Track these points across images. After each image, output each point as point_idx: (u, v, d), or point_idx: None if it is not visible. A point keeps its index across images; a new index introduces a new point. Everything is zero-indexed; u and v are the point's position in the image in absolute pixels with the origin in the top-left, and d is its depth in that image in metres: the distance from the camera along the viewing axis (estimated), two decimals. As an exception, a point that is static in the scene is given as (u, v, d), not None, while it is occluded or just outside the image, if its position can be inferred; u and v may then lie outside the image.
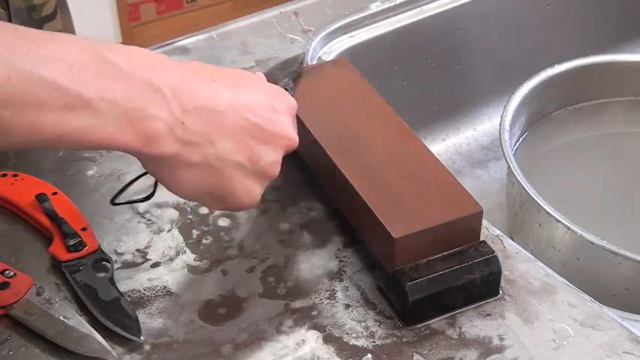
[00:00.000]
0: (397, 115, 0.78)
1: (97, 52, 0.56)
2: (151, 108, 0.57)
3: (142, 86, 0.57)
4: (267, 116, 0.64)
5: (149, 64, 0.58)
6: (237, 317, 0.69)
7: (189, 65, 0.62)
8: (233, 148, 0.62)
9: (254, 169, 0.64)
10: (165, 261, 0.74)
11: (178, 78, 0.59)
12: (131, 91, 0.57)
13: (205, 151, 0.61)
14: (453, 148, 1.19)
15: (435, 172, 0.73)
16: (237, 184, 0.63)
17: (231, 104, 0.62)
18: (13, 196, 0.77)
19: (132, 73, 0.57)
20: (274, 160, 0.65)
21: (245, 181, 0.64)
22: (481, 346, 0.67)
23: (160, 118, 0.58)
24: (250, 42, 1.00)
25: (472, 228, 0.70)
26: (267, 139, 0.64)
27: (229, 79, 0.64)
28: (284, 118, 0.65)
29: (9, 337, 0.67)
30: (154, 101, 0.57)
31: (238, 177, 0.63)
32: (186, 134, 0.59)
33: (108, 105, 0.56)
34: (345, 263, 0.74)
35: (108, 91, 0.56)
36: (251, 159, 0.63)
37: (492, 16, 1.16)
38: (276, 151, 0.65)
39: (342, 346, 0.67)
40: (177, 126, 0.59)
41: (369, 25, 1.06)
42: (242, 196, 0.65)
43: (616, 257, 0.83)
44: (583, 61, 1.11)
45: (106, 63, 0.56)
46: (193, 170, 0.61)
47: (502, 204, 1.07)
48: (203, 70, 0.63)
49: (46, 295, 0.69)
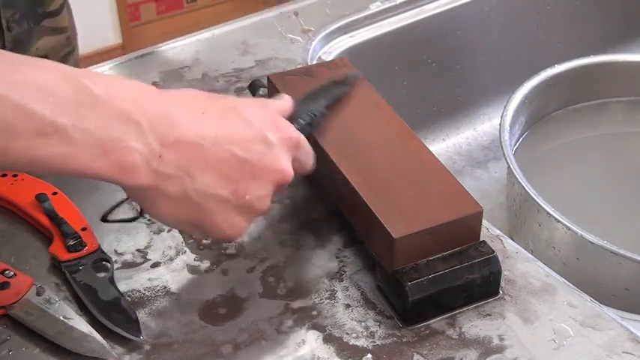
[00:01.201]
0: (397, 115, 0.78)
1: (76, 80, 0.56)
2: (127, 139, 0.56)
3: (118, 117, 0.56)
4: (256, 149, 0.62)
5: (129, 95, 0.58)
6: (237, 317, 0.69)
7: (180, 97, 0.61)
8: (215, 182, 0.60)
9: (239, 203, 0.62)
10: (165, 261, 0.74)
11: (159, 110, 0.58)
12: (107, 122, 0.56)
13: (183, 184, 0.60)
14: (453, 148, 1.19)
15: (435, 172, 0.73)
16: (219, 217, 0.62)
17: (215, 137, 0.60)
18: (13, 196, 0.77)
19: (109, 103, 0.56)
20: (262, 195, 0.63)
21: (229, 214, 0.62)
22: (481, 346, 0.67)
23: (136, 149, 0.57)
24: (250, 42, 1.00)
25: (472, 228, 0.70)
26: (256, 173, 0.62)
27: (220, 112, 0.62)
28: (277, 151, 0.63)
29: (9, 337, 0.67)
30: (130, 133, 0.57)
31: (221, 211, 0.62)
32: (163, 167, 0.58)
33: (82, 134, 0.55)
34: (345, 263, 0.74)
35: (83, 120, 0.55)
36: (236, 193, 0.62)
37: (492, 16, 1.16)
38: (265, 186, 0.63)
39: (342, 346, 0.67)
40: (154, 158, 0.58)
41: (369, 25, 1.06)
42: (226, 229, 0.63)
43: (616, 257, 0.83)
44: (583, 61, 1.11)
45: (83, 92, 0.55)
46: (172, 202, 0.60)
47: (502, 204, 1.07)
48: (193, 101, 0.62)
49: (46, 295, 0.69)
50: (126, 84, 0.59)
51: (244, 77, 0.94)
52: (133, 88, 0.59)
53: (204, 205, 0.61)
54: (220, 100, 0.64)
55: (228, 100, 0.64)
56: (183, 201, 0.60)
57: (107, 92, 0.56)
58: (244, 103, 0.65)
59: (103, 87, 0.57)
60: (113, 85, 0.58)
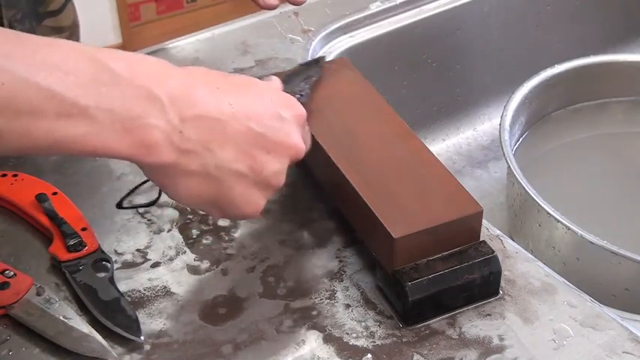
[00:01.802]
0: (397, 115, 0.78)
1: (96, 58, 0.56)
2: (149, 117, 0.57)
3: (139, 94, 0.56)
4: (271, 125, 0.62)
5: (149, 72, 0.58)
6: (237, 317, 0.69)
7: (193, 72, 0.62)
8: (234, 157, 0.61)
9: (257, 178, 0.62)
10: (165, 261, 0.74)
11: (179, 85, 0.59)
12: (128, 99, 0.56)
13: (204, 160, 0.60)
14: (453, 148, 1.19)
15: (435, 172, 0.73)
16: (238, 193, 0.62)
17: (233, 112, 0.61)
18: (13, 196, 0.77)
19: (130, 80, 0.56)
20: (278, 170, 0.64)
21: (247, 190, 0.63)
22: (481, 346, 0.67)
23: (157, 126, 0.57)
24: (250, 42, 1.01)
25: (472, 228, 0.70)
26: (272, 148, 0.63)
27: (233, 87, 0.63)
28: (290, 126, 0.64)
29: (9, 337, 0.67)
30: (151, 110, 0.57)
31: (240, 187, 0.62)
32: (184, 143, 0.58)
33: (104, 113, 0.55)
34: (345, 263, 0.74)
35: (104, 99, 0.55)
36: (254, 168, 0.62)
37: (492, 16, 1.16)
38: (281, 161, 0.64)
39: (342, 346, 0.67)
40: (175, 134, 0.58)
41: (369, 25, 1.06)
42: (244, 206, 0.63)
43: (616, 257, 0.83)
44: (583, 61, 1.11)
45: (104, 70, 0.55)
46: (193, 179, 0.60)
47: (502, 204, 1.07)
48: (207, 77, 0.62)
49: (46, 295, 0.69)
50: (144, 60, 0.59)
51: (244, 77, 0.94)
52: (152, 64, 0.59)
53: (223, 180, 0.61)
54: (230, 77, 0.64)
55: (238, 78, 0.65)
56: (204, 177, 0.60)
57: (127, 69, 0.56)
58: (253, 81, 0.65)
59: (123, 64, 0.56)
60: (132, 62, 0.57)
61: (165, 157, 0.58)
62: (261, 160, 0.62)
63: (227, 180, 0.61)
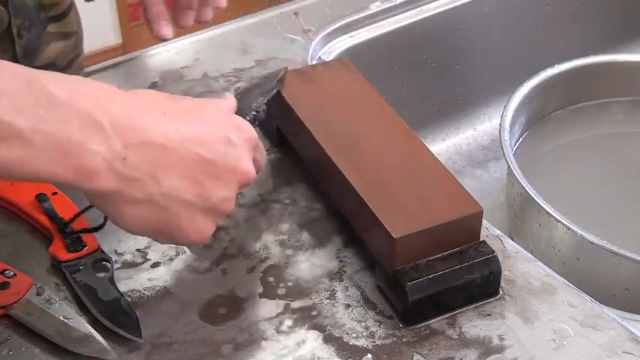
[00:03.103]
0: (397, 115, 0.78)
1: (34, 80, 0.54)
2: (89, 142, 0.55)
3: (80, 119, 0.55)
4: (221, 150, 0.61)
5: (91, 96, 0.56)
6: (237, 317, 0.69)
7: (139, 96, 0.60)
8: (180, 185, 0.59)
9: (204, 205, 0.61)
10: (165, 261, 0.74)
11: (123, 111, 0.57)
12: (68, 124, 0.54)
13: (148, 187, 0.58)
14: (453, 148, 1.19)
15: (435, 172, 0.73)
16: (184, 221, 0.61)
17: (180, 138, 0.59)
18: (13, 196, 0.77)
19: (70, 104, 0.54)
20: (227, 197, 0.62)
21: (194, 217, 0.61)
22: (481, 346, 0.67)
23: (98, 152, 0.55)
24: (250, 42, 1.00)
25: (472, 228, 0.70)
26: (221, 175, 0.61)
27: (182, 112, 0.61)
28: (239, 151, 0.62)
29: (9, 337, 0.67)
30: (92, 135, 0.55)
31: (186, 214, 0.60)
32: (127, 170, 0.57)
33: (42, 137, 0.53)
34: (345, 263, 0.74)
35: (42, 123, 0.53)
36: (201, 195, 0.60)
37: (492, 16, 1.16)
38: (229, 187, 0.62)
39: (342, 346, 0.67)
40: (118, 161, 0.56)
41: (369, 25, 1.06)
42: (191, 233, 0.62)
43: (616, 257, 0.83)
44: (583, 61, 1.11)
45: (42, 93, 0.54)
46: (137, 206, 0.59)
47: (502, 204, 1.07)
48: (154, 102, 0.60)
49: (46, 295, 0.69)
50: (87, 84, 0.57)
51: (244, 77, 0.94)
52: (95, 88, 0.57)
53: (169, 208, 0.60)
54: (178, 101, 0.63)
55: (186, 101, 0.63)
56: (149, 205, 0.59)
57: (68, 93, 0.55)
58: (202, 103, 0.64)
59: (63, 88, 0.55)
60: (73, 85, 0.56)
61: (106, 184, 0.57)
62: (209, 187, 0.61)
63: (173, 208, 0.60)
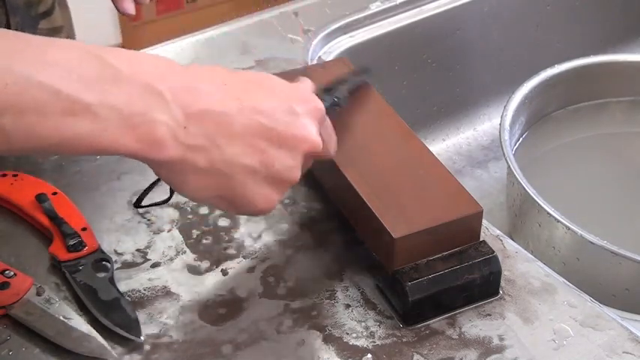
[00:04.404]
0: (397, 115, 0.78)
1: (98, 56, 0.55)
2: (153, 112, 0.56)
3: (143, 90, 0.56)
4: (283, 119, 0.61)
5: (151, 69, 0.57)
6: (237, 317, 0.69)
7: (199, 69, 0.61)
8: (243, 152, 0.59)
9: (268, 173, 0.61)
10: (165, 261, 0.74)
11: (182, 81, 0.58)
12: (132, 96, 0.56)
13: (211, 155, 0.59)
14: (453, 148, 1.19)
15: (435, 172, 0.73)
16: (250, 189, 0.61)
17: (241, 107, 0.59)
18: (13, 196, 0.77)
19: (133, 77, 0.56)
20: (291, 165, 0.62)
21: (259, 185, 0.61)
22: (481, 346, 0.67)
23: (162, 122, 0.56)
24: (250, 42, 1.00)
25: (472, 228, 0.70)
26: (283, 143, 0.61)
27: (243, 83, 0.62)
28: (304, 120, 0.62)
29: (9, 337, 0.67)
30: (154, 105, 0.56)
31: (251, 182, 0.61)
32: (190, 138, 0.58)
33: (108, 110, 0.55)
34: (345, 263, 0.74)
35: (108, 96, 0.55)
36: (265, 163, 0.60)
37: (492, 16, 1.16)
38: (294, 156, 0.62)
39: (342, 346, 0.67)
40: (180, 130, 0.57)
41: (369, 25, 1.06)
42: (257, 201, 0.62)
43: (616, 257, 0.83)
44: (583, 61, 1.11)
45: (106, 67, 0.55)
46: (201, 175, 0.59)
47: (502, 204, 1.07)
48: (213, 74, 0.61)
49: (46, 295, 0.69)
50: (148, 58, 0.58)
51: (244, 77, 0.94)
52: (155, 61, 0.58)
53: (233, 175, 0.60)
54: (241, 74, 0.63)
55: (249, 74, 0.64)
56: (212, 173, 0.59)
57: (129, 66, 0.56)
58: (266, 76, 0.64)
59: (125, 61, 0.56)
60: (135, 59, 0.57)
61: (171, 153, 0.57)
62: (272, 154, 0.61)
63: (237, 175, 0.60)
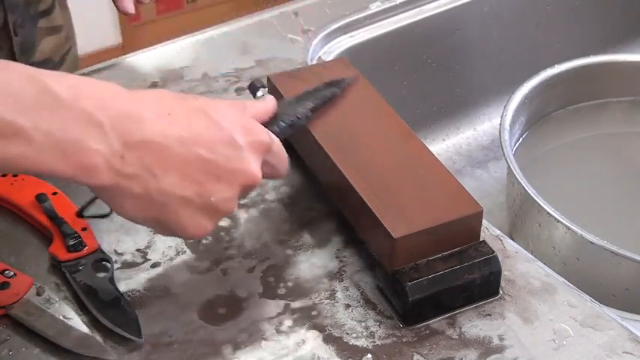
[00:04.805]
0: (397, 115, 0.78)
1: (38, 79, 0.56)
2: (88, 141, 0.56)
3: (80, 118, 0.56)
4: (223, 152, 0.61)
5: (93, 95, 0.57)
6: (237, 317, 0.69)
7: (145, 96, 0.61)
8: (179, 183, 0.60)
9: (204, 204, 0.62)
10: (165, 261, 0.74)
11: (125, 109, 0.58)
12: (68, 123, 0.56)
13: (147, 183, 0.59)
14: (453, 148, 1.19)
15: (435, 172, 0.73)
16: (184, 217, 0.62)
17: (182, 139, 0.60)
18: (13, 196, 0.77)
19: (72, 103, 0.56)
20: (228, 197, 0.62)
21: (193, 215, 0.62)
22: (481, 346, 0.67)
23: (97, 150, 0.57)
24: (250, 42, 1.00)
25: (472, 228, 0.70)
26: (221, 176, 0.62)
27: (187, 112, 0.61)
28: (245, 154, 0.63)
29: (9, 337, 0.67)
30: (91, 134, 0.56)
31: (185, 211, 0.61)
32: (125, 167, 0.58)
33: (42, 135, 0.55)
34: (345, 263, 0.74)
35: (44, 121, 0.55)
36: (201, 194, 0.61)
37: (492, 16, 1.16)
38: (231, 188, 0.62)
39: (342, 346, 0.67)
40: (116, 158, 0.57)
41: (369, 25, 1.06)
42: (190, 229, 0.63)
43: (616, 257, 0.83)
44: (583, 61, 1.11)
45: (45, 92, 0.55)
46: (137, 200, 0.60)
47: (502, 204, 1.07)
48: (160, 102, 0.61)
49: (46, 295, 0.69)
50: (91, 84, 0.59)
51: (244, 77, 0.94)
52: (99, 87, 0.59)
53: (167, 204, 0.61)
54: (188, 101, 0.63)
55: (197, 101, 0.64)
56: (147, 200, 0.60)
57: (70, 93, 0.56)
58: (214, 104, 0.64)
59: (66, 88, 0.56)
60: (77, 85, 0.57)
61: (105, 180, 0.58)
62: (209, 186, 0.61)
63: (171, 204, 0.61)
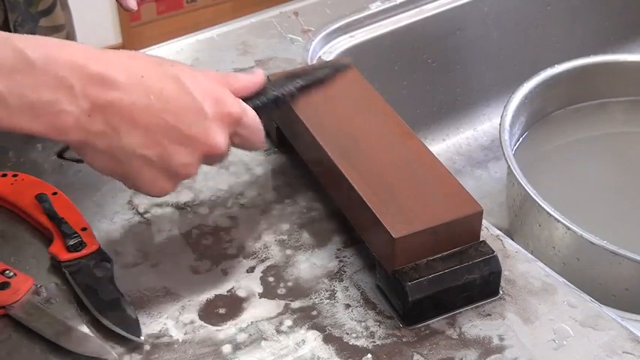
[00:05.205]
0: (397, 115, 0.78)
1: (15, 47, 0.59)
2: (59, 103, 0.60)
3: (52, 81, 0.60)
4: (188, 119, 0.64)
5: (66, 60, 0.61)
6: (237, 317, 0.69)
7: (119, 57, 0.64)
8: (142, 143, 0.63)
9: (164, 166, 0.64)
10: (165, 261, 0.74)
11: (96, 72, 0.61)
12: (41, 86, 0.60)
13: (110, 140, 0.62)
14: (453, 148, 1.19)
15: (435, 172, 0.73)
16: (144, 176, 0.65)
17: (149, 103, 0.62)
18: (13, 196, 0.77)
19: (44, 67, 0.60)
20: (188, 162, 0.65)
21: (154, 175, 0.65)
22: (481, 346, 0.67)
23: (67, 111, 0.61)
24: (250, 42, 1.00)
25: (472, 228, 0.70)
26: (183, 141, 0.64)
27: (160, 77, 0.64)
28: (210, 124, 0.65)
29: (9, 337, 0.67)
30: (62, 96, 0.60)
31: (146, 170, 0.64)
32: (91, 125, 0.62)
33: (16, 98, 0.59)
34: (345, 263, 0.74)
35: (17, 85, 0.59)
36: (162, 157, 0.64)
37: (492, 16, 1.16)
38: (192, 155, 0.65)
39: (342, 346, 0.67)
40: (84, 117, 0.61)
41: (369, 25, 1.06)
42: (150, 187, 0.66)
43: (616, 257, 0.83)
44: (583, 61, 1.11)
45: (21, 59, 0.59)
46: (102, 156, 0.64)
47: (502, 204, 1.07)
48: (135, 64, 0.64)
49: (46, 295, 0.69)
50: (66, 47, 0.62)
51: (244, 77, 0.94)
52: (72, 52, 0.61)
53: (129, 162, 0.64)
54: (164, 66, 0.65)
55: (173, 68, 0.65)
56: (111, 156, 0.64)
57: (43, 57, 0.60)
58: (189, 72, 0.66)
59: (40, 52, 0.60)
60: (52, 50, 0.61)
61: (74, 137, 0.62)
62: (170, 150, 0.64)
63: (133, 162, 0.64)
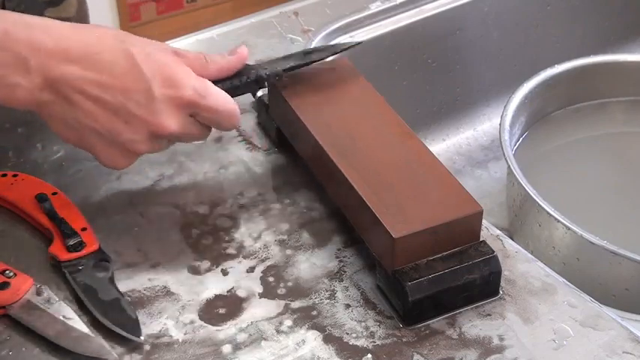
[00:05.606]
0: (397, 115, 0.78)
1: None
2: (13, 76, 0.65)
3: (10, 58, 0.65)
4: (135, 99, 0.67)
5: (25, 36, 0.65)
6: (237, 317, 0.69)
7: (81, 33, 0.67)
8: (90, 116, 0.67)
9: (114, 140, 0.68)
10: (165, 261, 0.74)
11: (51, 49, 0.65)
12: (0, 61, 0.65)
13: (63, 110, 0.67)
14: (453, 148, 1.19)
15: (435, 172, 0.73)
16: (98, 147, 0.69)
17: (98, 80, 0.66)
18: (13, 196, 0.77)
19: (4, 44, 0.65)
20: (135, 140, 0.69)
21: (106, 147, 0.69)
22: (481, 346, 0.67)
23: (20, 85, 0.66)
24: (250, 42, 1.00)
25: (472, 228, 0.70)
26: (130, 120, 0.68)
27: (115, 55, 0.67)
28: (157, 105, 0.68)
29: (9, 337, 0.67)
30: (17, 71, 0.65)
31: (98, 142, 0.69)
32: (43, 96, 0.66)
33: None
34: (345, 263, 0.74)
35: None
36: (110, 132, 0.68)
37: (492, 16, 1.16)
38: (138, 133, 0.68)
39: (342, 346, 0.67)
40: (36, 90, 0.66)
41: (369, 25, 1.06)
42: (104, 159, 0.71)
43: (616, 257, 0.83)
44: (583, 61, 1.11)
45: None
46: (59, 124, 0.69)
47: (502, 204, 1.07)
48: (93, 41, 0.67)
49: (46, 295, 0.69)
50: (25, 23, 0.66)
51: (244, 77, 0.94)
52: (31, 27, 0.66)
53: (82, 132, 0.69)
54: (126, 43, 0.68)
55: (134, 47, 0.68)
56: (66, 124, 0.69)
57: (4, 35, 0.65)
58: (148, 51, 0.69)
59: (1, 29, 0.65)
60: (13, 26, 0.65)
61: (29, 106, 0.68)
62: (118, 126, 0.68)
63: (86, 134, 0.69)
